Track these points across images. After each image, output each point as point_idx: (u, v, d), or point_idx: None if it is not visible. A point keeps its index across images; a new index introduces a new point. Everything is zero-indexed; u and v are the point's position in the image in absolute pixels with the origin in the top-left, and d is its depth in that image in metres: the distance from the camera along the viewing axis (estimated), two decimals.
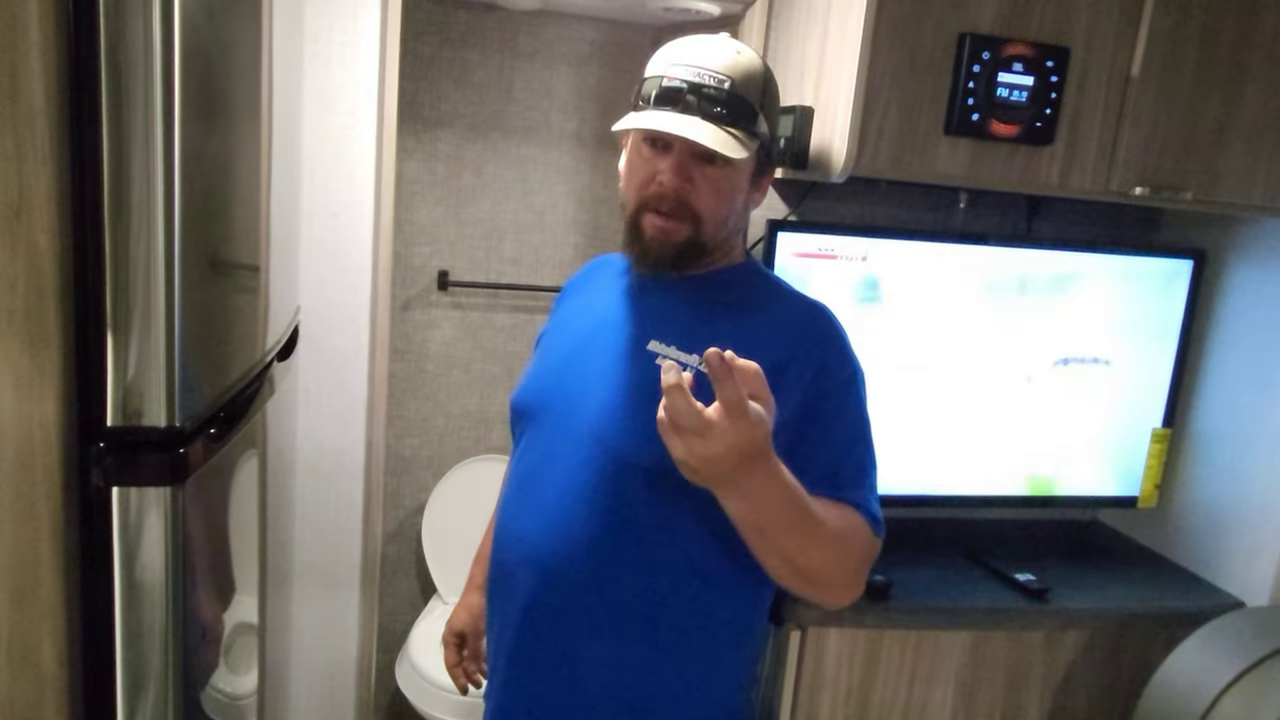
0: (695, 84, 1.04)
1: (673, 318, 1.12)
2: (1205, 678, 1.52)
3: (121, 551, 0.86)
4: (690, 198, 1.06)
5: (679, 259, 1.10)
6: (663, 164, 1.07)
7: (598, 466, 1.08)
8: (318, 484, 1.86)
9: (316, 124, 1.73)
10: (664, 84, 1.05)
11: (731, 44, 1.09)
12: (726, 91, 1.04)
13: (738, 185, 1.09)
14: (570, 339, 1.22)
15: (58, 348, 0.81)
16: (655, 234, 1.08)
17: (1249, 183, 1.66)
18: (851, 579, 1.03)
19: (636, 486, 1.07)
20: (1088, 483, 1.95)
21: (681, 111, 1.04)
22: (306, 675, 1.94)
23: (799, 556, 0.96)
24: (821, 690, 1.64)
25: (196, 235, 0.89)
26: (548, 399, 1.18)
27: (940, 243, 1.78)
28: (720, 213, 1.09)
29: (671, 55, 1.08)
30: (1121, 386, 1.91)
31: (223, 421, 1.00)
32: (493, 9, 2.18)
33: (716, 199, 1.07)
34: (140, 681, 0.89)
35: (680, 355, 1.08)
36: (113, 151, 0.81)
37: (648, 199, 1.08)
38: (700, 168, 1.06)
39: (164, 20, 0.81)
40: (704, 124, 1.03)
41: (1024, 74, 1.52)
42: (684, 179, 1.06)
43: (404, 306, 2.28)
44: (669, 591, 1.09)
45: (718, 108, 1.04)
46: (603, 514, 1.08)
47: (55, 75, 0.77)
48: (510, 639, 1.15)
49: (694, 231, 1.08)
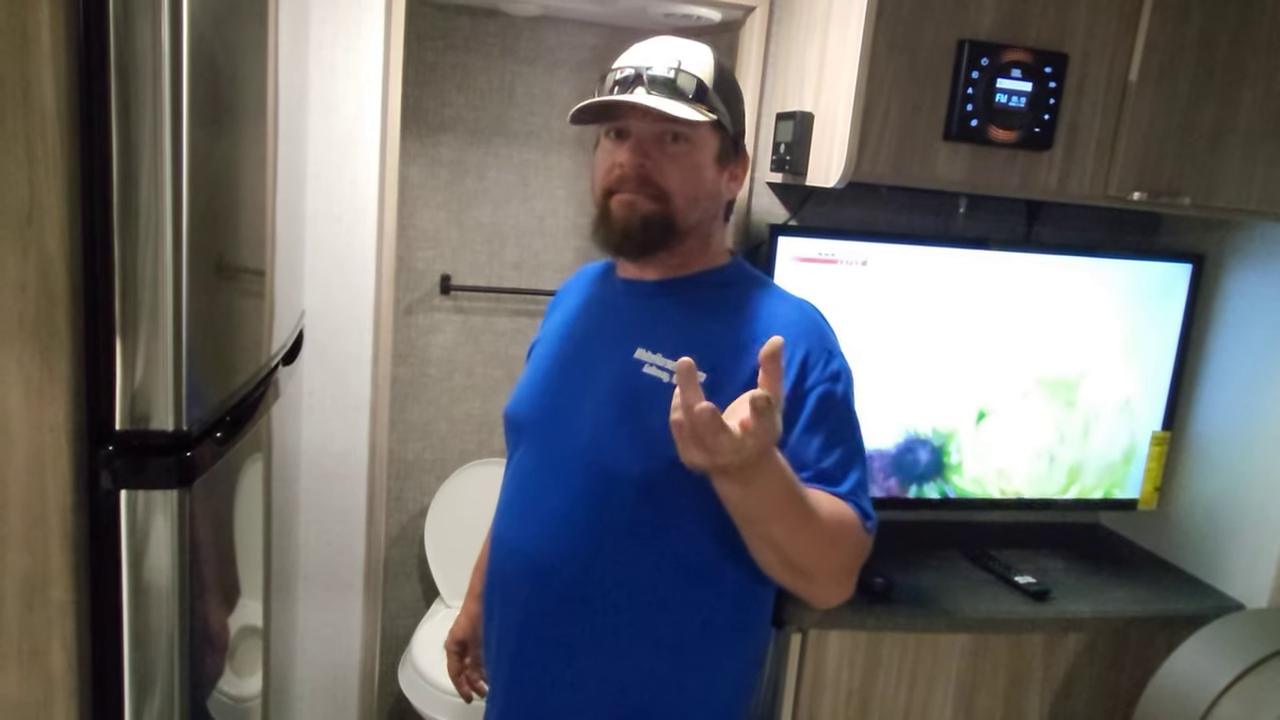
0: (645, 69, 1.07)
1: (657, 324, 1.13)
2: (1205, 679, 1.52)
3: (129, 554, 0.87)
4: (652, 174, 1.08)
5: (648, 231, 1.09)
6: (621, 151, 1.09)
7: (590, 477, 1.09)
8: (322, 487, 1.87)
9: (321, 129, 1.75)
10: (616, 76, 1.09)
11: (683, 41, 1.12)
12: (677, 71, 1.07)
13: (701, 161, 1.10)
14: (558, 349, 1.22)
15: (67, 352, 0.82)
16: (620, 208, 1.09)
17: (1246, 188, 1.67)
18: (842, 575, 1.04)
19: (629, 495, 1.07)
20: (1086, 487, 1.96)
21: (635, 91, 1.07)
22: (310, 678, 1.94)
23: (789, 545, 0.97)
24: (822, 692, 1.64)
25: (203, 240, 0.90)
26: (539, 410, 1.19)
27: (940, 247, 1.79)
28: (687, 188, 1.09)
29: (622, 56, 1.12)
30: (1121, 389, 1.92)
31: (229, 425, 1.01)
32: (495, 15, 2.19)
33: (680, 173, 1.08)
34: (147, 683, 0.90)
35: (666, 362, 1.08)
36: (122, 158, 0.82)
37: (611, 183, 1.10)
38: (659, 147, 1.08)
39: (172, 29, 0.82)
40: (652, 97, 1.06)
41: (1023, 80, 1.53)
42: (643, 157, 1.08)
43: (407, 310, 2.29)
44: (667, 597, 1.10)
45: (675, 83, 1.06)
46: (597, 524, 1.09)
47: (65, 84, 0.78)
48: (511, 648, 1.16)
49: (661, 206, 1.08)
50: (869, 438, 1.14)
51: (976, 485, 1.90)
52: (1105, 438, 1.93)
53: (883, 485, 1.85)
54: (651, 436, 1.05)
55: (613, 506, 1.08)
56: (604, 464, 1.08)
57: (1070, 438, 1.92)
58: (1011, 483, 1.91)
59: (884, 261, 1.76)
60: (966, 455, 1.88)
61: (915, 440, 1.85)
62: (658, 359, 1.09)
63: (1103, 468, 1.95)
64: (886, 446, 1.83)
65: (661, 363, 1.08)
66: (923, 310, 1.80)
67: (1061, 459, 1.92)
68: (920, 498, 1.87)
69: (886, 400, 1.81)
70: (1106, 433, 1.93)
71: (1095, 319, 1.88)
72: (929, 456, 1.86)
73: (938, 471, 1.87)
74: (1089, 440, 1.93)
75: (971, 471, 1.89)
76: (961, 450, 1.87)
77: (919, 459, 1.86)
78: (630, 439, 1.07)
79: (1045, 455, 1.91)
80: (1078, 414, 1.91)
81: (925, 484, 1.87)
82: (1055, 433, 1.91)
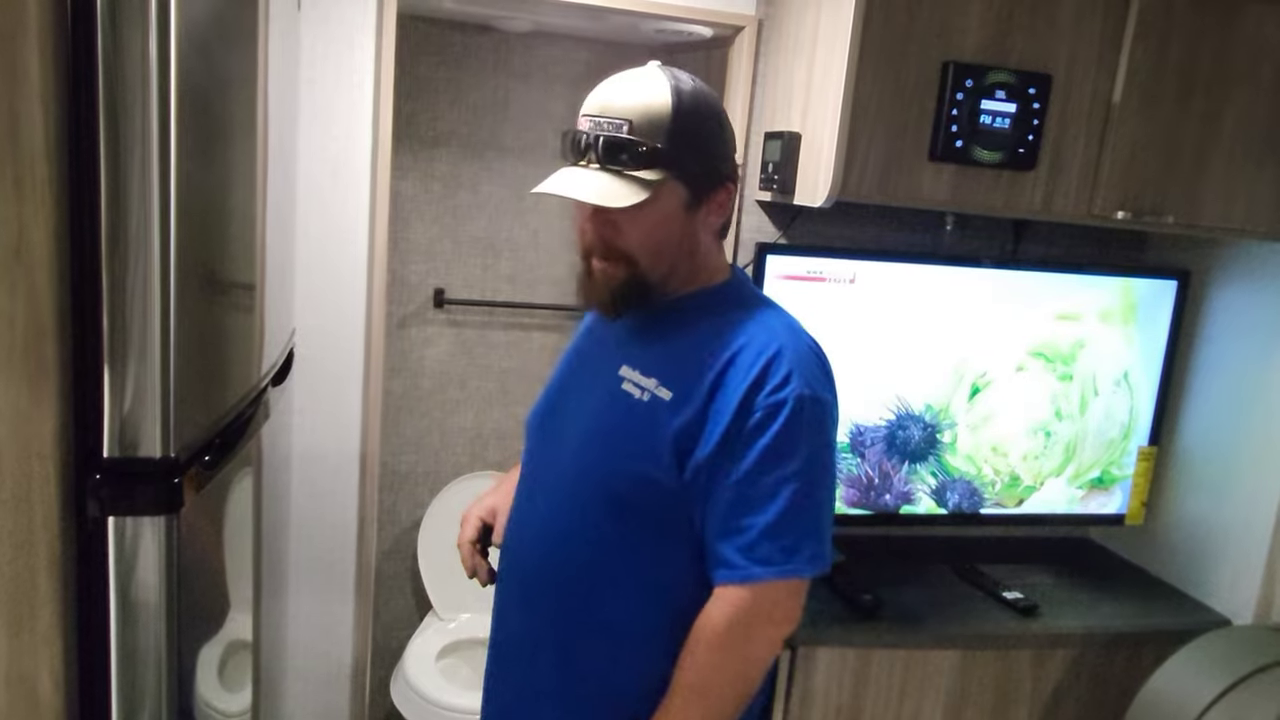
0: (595, 134, 1.06)
1: (640, 343, 1.15)
2: (1190, 694, 1.53)
3: (117, 580, 0.88)
4: (614, 241, 1.09)
5: (625, 295, 1.11)
6: (584, 214, 1.10)
7: (567, 489, 1.12)
8: (313, 500, 1.88)
9: (313, 145, 1.76)
10: (572, 137, 1.09)
11: (645, 80, 1.08)
12: (624, 137, 1.05)
13: (664, 217, 1.08)
14: (568, 363, 1.28)
15: (55, 381, 0.82)
16: (600, 275, 1.12)
17: (1229, 206, 1.68)
18: (759, 656, 1.06)
19: (599, 509, 1.09)
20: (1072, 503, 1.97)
21: (585, 163, 1.07)
22: (301, 692, 1.95)
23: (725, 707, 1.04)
24: (811, 708, 1.65)
25: (193, 266, 0.91)
26: (539, 421, 1.24)
27: (927, 265, 1.81)
28: (650, 246, 1.09)
29: (588, 99, 1.10)
30: (1108, 404, 1.93)
31: (218, 448, 1.02)
32: (488, 30, 2.21)
33: (640, 236, 1.08)
34: (135, 708, 0.91)
35: (641, 380, 1.09)
36: (110, 190, 0.83)
37: (584, 247, 1.12)
38: (613, 213, 1.07)
39: (160, 62, 0.83)
40: (593, 176, 1.05)
41: (1007, 101, 1.55)
42: (601, 225, 1.08)
43: (400, 324, 2.30)
44: (653, 611, 1.11)
45: (620, 153, 1.05)
46: (574, 536, 1.11)
47: (55, 118, 0.79)
48: (508, 658, 1.20)
49: (630, 271, 1.10)
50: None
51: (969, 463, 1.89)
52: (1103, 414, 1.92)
53: (874, 465, 1.84)
54: (619, 451, 1.08)
55: (587, 519, 1.10)
56: (578, 477, 1.11)
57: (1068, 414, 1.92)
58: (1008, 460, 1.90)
59: (872, 279, 1.77)
60: (961, 433, 1.87)
61: (906, 418, 1.86)
62: (635, 375, 1.11)
63: (1089, 481, 1.96)
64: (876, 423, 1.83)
65: (638, 380, 1.10)
66: (910, 326, 1.81)
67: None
68: (910, 514, 1.88)
69: (875, 396, 1.82)
70: (1093, 447, 1.94)
71: (1080, 335, 1.89)
72: (920, 432, 1.86)
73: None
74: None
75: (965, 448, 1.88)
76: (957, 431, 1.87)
77: (911, 436, 1.86)
78: (602, 453, 1.10)
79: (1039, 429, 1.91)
80: (1064, 427, 1.92)
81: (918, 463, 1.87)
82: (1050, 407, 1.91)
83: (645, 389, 1.09)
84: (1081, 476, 1.95)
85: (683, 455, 1.04)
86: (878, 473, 1.84)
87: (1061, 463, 1.94)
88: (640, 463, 1.07)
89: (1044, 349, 1.88)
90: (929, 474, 1.87)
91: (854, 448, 1.82)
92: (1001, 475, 1.91)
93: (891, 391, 1.82)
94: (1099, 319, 1.89)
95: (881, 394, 1.82)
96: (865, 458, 1.83)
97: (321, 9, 1.71)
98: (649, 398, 1.08)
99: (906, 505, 1.87)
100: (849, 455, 1.82)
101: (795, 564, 1.02)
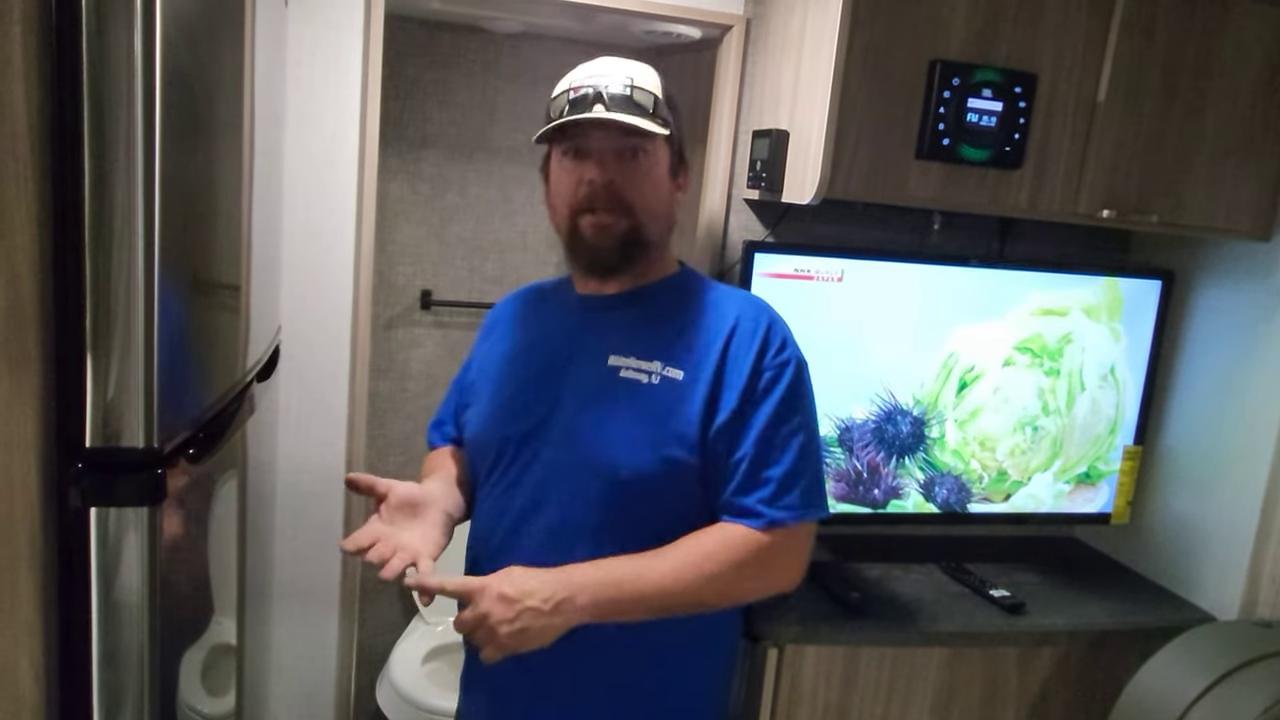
0: (601, 87, 1.09)
1: (625, 332, 1.15)
2: (1175, 691, 1.54)
3: (99, 571, 0.87)
4: (621, 190, 1.10)
5: (624, 250, 1.13)
6: (586, 169, 1.10)
7: (595, 481, 1.11)
8: (298, 503, 1.87)
9: (299, 145, 1.75)
10: (571, 96, 1.10)
11: (627, 60, 1.15)
12: (632, 88, 1.10)
13: (660, 175, 1.14)
14: (523, 369, 1.21)
15: (37, 369, 0.81)
16: (594, 231, 1.11)
17: (1213, 205, 1.70)
18: (749, 581, 1.09)
19: (627, 493, 1.10)
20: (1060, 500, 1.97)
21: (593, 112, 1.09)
22: (286, 696, 1.93)
23: (666, 609, 1.05)
24: (799, 707, 1.65)
25: (177, 257, 0.91)
26: (524, 428, 1.17)
27: (914, 263, 1.82)
28: (651, 202, 1.13)
29: (571, 76, 1.14)
30: (1094, 399, 1.94)
31: (202, 441, 1.01)
32: (476, 32, 2.21)
33: (646, 188, 1.12)
34: (117, 702, 0.89)
35: (640, 364, 1.12)
36: (94, 176, 0.82)
37: (580, 202, 1.12)
38: (621, 164, 1.10)
39: (145, 47, 0.82)
40: (617, 113, 1.08)
41: (993, 100, 1.56)
42: (616, 171, 1.10)
43: (387, 325, 2.29)
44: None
45: (630, 100, 1.09)
46: (604, 526, 1.10)
47: (37, 102, 0.78)
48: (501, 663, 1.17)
49: (632, 223, 1.11)
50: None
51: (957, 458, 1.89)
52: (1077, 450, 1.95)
53: (863, 457, 1.85)
54: (640, 434, 1.09)
55: (617, 507, 1.10)
56: (605, 466, 1.10)
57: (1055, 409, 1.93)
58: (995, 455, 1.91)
59: (859, 277, 1.78)
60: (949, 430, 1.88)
61: (894, 411, 1.86)
62: (631, 362, 1.12)
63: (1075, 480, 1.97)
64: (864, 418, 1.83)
65: (637, 365, 1.12)
66: (897, 323, 1.81)
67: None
68: (898, 513, 1.89)
69: (862, 392, 1.83)
70: (1079, 445, 1.95)
71: (1066, 333, 1.90)
72: (908, 427, 1.86)
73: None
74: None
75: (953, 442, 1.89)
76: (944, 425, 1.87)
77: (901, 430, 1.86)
78: (623, 439, 1.10)
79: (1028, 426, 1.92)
80: (1051, 424, 1.93)
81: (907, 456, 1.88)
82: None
83: (651, 372, 1.10)
84: (1068, 471, 1.96)
85: (705, 427, 1.09)
86: (866, 467, 1.84)
87: (1048, 458, 1.94)
88: (663, 446, 1.09)
89: (1031, 343, 1.89)
90: (917, 468, 1.87)
91: (842, 442, 1.82)
92: (989, 470, 1.92)
93: (879, 387, 1.83)
94: (1085, 314, 1.91)
95: (869, 390, 1.82)
96: (854, 452, 1.83)
97: (308, 7, 1.71)
98: (659, 380, 1.10)
99: (895, 499, 1.88)
100: (837, 449, 1.82)
101: (813, 509, 1.11)
